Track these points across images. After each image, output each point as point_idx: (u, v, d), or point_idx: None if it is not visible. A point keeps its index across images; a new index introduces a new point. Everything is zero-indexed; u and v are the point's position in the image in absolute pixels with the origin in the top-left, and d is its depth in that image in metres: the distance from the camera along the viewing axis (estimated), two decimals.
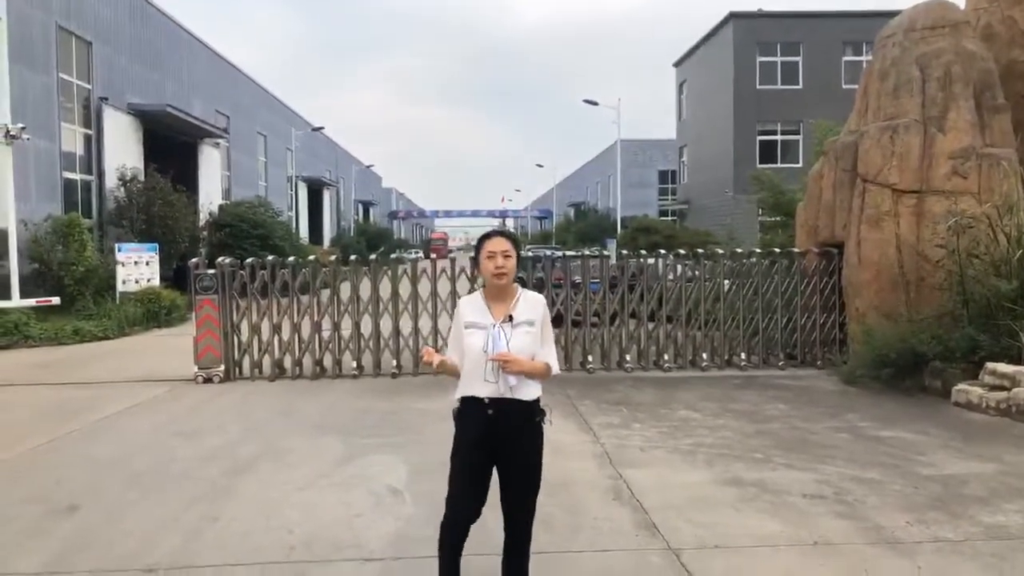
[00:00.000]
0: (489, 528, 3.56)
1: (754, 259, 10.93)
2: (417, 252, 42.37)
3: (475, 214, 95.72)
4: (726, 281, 10.89)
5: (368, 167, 70.08)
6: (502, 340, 3.25)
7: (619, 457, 6.09)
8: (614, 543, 4.36)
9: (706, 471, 5.72)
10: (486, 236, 3.43)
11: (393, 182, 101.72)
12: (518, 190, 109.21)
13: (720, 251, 11.20)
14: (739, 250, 11.54)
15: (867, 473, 5.58)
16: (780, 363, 10.55)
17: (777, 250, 11.22)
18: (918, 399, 8.31)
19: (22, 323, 13.85)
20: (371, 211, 72.21)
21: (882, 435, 6.77)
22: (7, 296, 14.07)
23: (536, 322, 3.34)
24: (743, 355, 10.63)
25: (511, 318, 3.30)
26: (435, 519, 3.93)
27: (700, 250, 11.29)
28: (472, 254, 3.55)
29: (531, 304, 3.38)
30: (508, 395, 3.24)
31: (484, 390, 3.27)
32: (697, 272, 10.83)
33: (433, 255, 12.91)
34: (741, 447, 6.40)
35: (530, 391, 3.31)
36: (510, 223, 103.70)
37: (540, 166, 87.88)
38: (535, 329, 3.32)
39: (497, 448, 3.31)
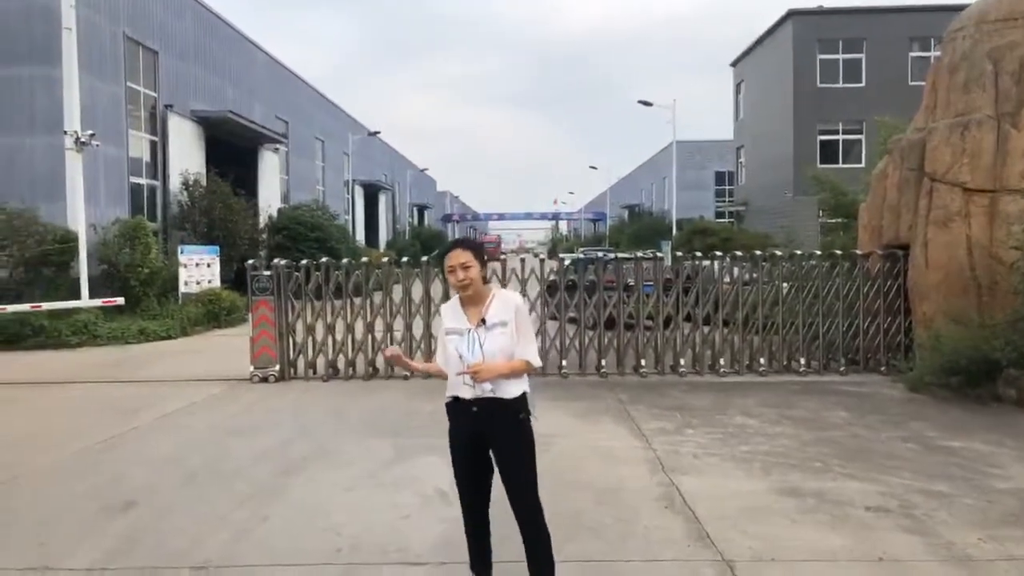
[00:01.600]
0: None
1: (814, 261, 10.58)
2: None
3: (528, 216, 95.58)
4: (785, 284, 10.57)
5: (423, 171, 70.72)
6: (476, 345, 3.39)
7: (672, 464, 5.93)
8: (665, 553, 4.22)
9: (762, 480, 5.52)
10: (448, 248, 3.54)
11: (447, 185, 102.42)
12: (571, 192, 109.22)
13: (779, 253, 10.87)
14: (799, 252, 11.18)
15: (936, 485, 5.30)
16: (841, 368, 10.19)
17: (839, 252, 10.83)
18: (991, 408, 7.90)
19: (91, 323, 14.35)
20: (426, 214, 72.86)
21: (952, 445, 6.44)
22: (77, 296, 14.59)
23: (509, 322, 3.44)
24: (802, 360, 10.29)
25: (484, 321, 3.43)
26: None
27: (758, 252, 10.99)
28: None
29: (504, 304, 3.48)
30: (489, 394, 3.38)
31: (467, 392, 3.43)
32: (755, 275, 10.55)
33: (485, 257, 12.91)
34: (800, 455, 6.16)
35: (512, 389, 3.42)
36: (563, 225, 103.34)
37: (594, 168, 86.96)
38: (508, 329, 3.42)
39: (487, 443, 3.47)
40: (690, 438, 6.77)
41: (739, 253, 10.86)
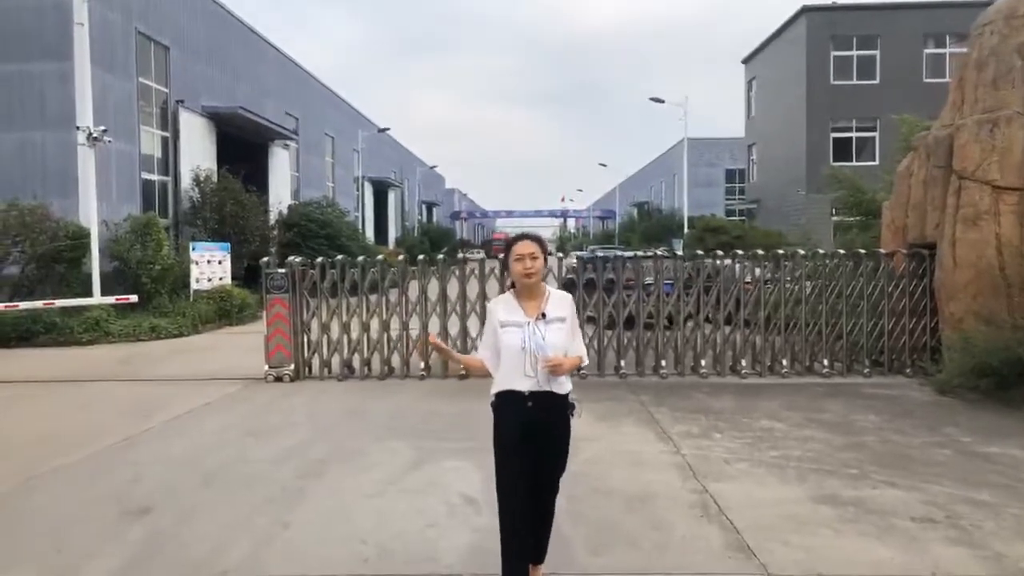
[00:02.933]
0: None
1: (837, 260, 10.38)
2: (479, 252, 42.29)
3: (537, 214, 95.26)
4: (808, 283, 10.37)
5: (432, 168, 70.60)
6: (538, 336, 3.44)
7: (702, 469, 5.76)
8: (706, 565, 4.05)
9: (798, 487, 5.34)
10: (515, 240, 3.63)
11: (456, 183, 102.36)
12: (580, 190, 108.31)
13: (802, 252, 10.66)
14: (821, 251, 10.98)
15: (979, 494, 5.11)
16: (865, 370, 9.99)
17: (863, 251, 10.62)
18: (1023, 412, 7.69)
19: (102, 320, 14.26)
20: (434, 211, 72.75)
21: (989, 451, 6.25)
22: (88, 293, 14.51)
23: (567, 318, 3.56)
24: (825, 361, 10.10)
25: (544, 316, 3.50)
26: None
27: (780, 251, 10.79)
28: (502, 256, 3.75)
29: (560, 302, 3.61)
30: (546, 388, 3.45)
31: (524, 384, 3.46)
32: (776, 274, 10.35)
33: (502, 255, 12.82)
34: (833, 461, 5.98)
35: (565, 386, 3.54)
36: (571, 223, 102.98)
37: (603, 165, 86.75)
38: (566, 325, 3.54)
39: (534, 436, 3.50)
40: (718, 442, 6.60)
41: (760, 252, 10.66)
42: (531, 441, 3.49)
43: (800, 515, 4.76)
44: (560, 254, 11.24)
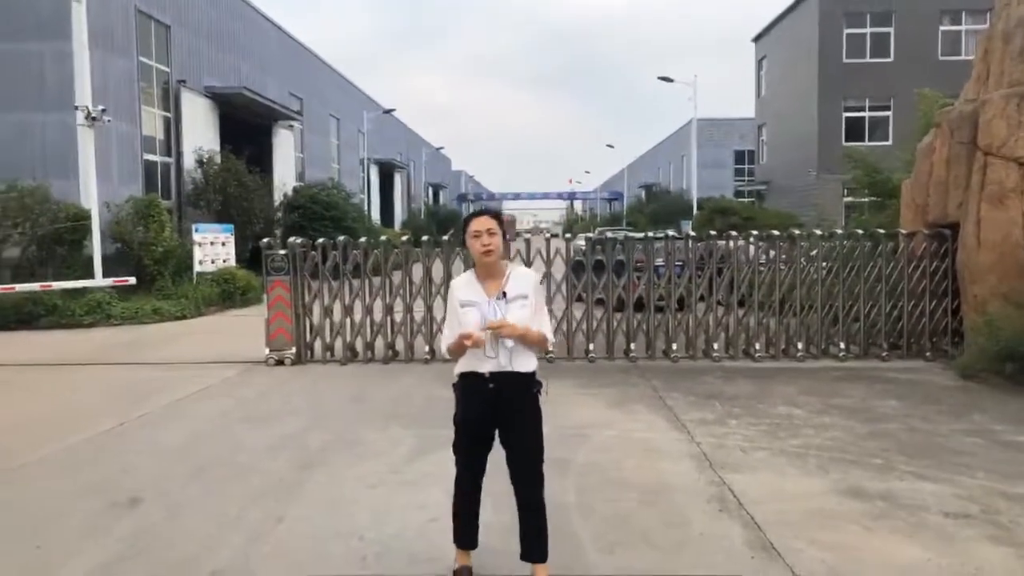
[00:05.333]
0: None
1: (855, 241, 10.04)
2: None
3: (544, 196, 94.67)
4: (824, 264, 10.03)
5: (438, 149, 70.06)
6: (499, 316, 3.33)
7: (719, 459, 5.48)
8: (727, 565, 3.77)
9: (821, 478, 5.06)
10: (471, 216, 3.49)
11: (462, 164, 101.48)
12: (588, 172, 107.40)
13: (819, 232, 10.32)
14: (839, 231, 10.63)
15: (1015, 487, 4.81)
16: (883, 354, 9.67)
17: (881, 231, 10.27)
18: None
19: (104, 302, 14.04)
20: (441, 194, 72.29)
21: (1021, 440, 5.94)
22: (91, 275, 14.28)
23: (529, 295, 3.41)
24: (842, 345, 9.79)
25: (504, 294, 3.38)
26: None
27: (796, 231, 10.45)
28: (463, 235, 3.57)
29: (522, 279, 3.47)
30: (508, 368, 3.35)
31: (486, 365, 3.37)
32: (793, 254, 10.03)
33: (507, 237, 12.50)
34: (856, 450, 5.69)
35: (527, 363, 3.41)
36: (578, 205, 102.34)
37: (611, 147, 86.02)
38: (529, 302, 3.40)
39: (498, 418, 3.44)
40: (734, 430, 6.32)
41: (776, 232, 10.33)
42: (493, 420, 3.44)
43: (826, 509, 4.48)
44: (568, 235, 10.93)
